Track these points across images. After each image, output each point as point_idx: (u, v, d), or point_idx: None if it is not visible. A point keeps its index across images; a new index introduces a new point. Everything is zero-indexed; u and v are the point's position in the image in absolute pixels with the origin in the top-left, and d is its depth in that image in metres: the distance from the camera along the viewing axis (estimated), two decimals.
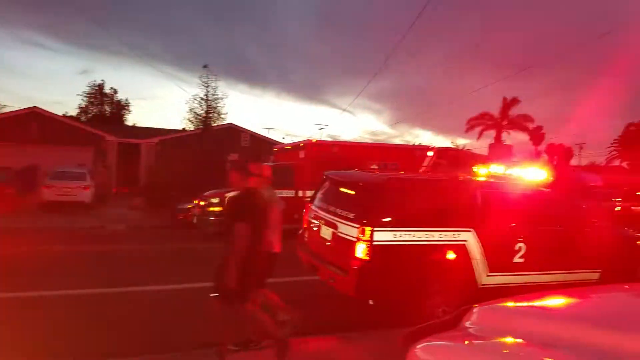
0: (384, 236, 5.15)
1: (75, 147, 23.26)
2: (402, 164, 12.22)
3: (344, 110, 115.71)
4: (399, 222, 5.28)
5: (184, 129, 27.92)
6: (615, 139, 56.34)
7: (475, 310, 1.64)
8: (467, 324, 1.60)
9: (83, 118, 41.05)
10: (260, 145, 27.18)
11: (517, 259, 5.76)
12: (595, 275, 6.30)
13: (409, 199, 5.58)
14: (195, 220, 13.00)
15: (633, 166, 52.48)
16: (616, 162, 55.01)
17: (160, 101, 75.82)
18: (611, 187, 23.61)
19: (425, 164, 13.42)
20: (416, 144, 26.01)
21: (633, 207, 18.89)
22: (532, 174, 6.50)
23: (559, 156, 59.31)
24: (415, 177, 6.54)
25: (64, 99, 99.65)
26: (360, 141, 27.32)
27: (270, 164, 13.37)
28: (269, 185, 5.43)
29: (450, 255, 5.44)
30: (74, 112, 42.70)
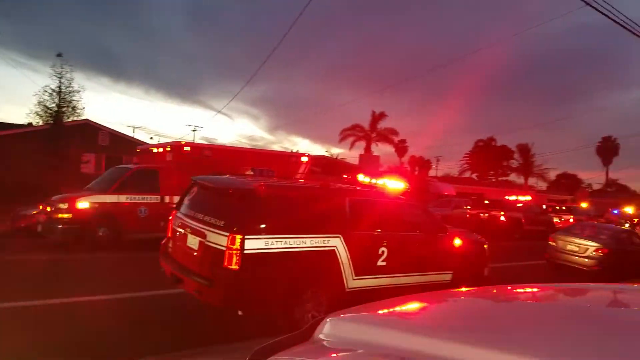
0: (255, 244, 5.00)
1: None
2: (278, 170, 12.17)
3: (219, 112, 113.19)
4: (271, 230, 5.18)
5: (30, 123, 24.44)
6: (466, 153, 63.85)
7: (327, 320, 1.54)
8: (321, 335, 1.49)
9: None
10: (121, 145, 25.03)
11: (380, 263, 6.04)
12: (448, 277, 6.87)
13: (281, 205, 5.52)
14: (40, 229, 11.32)
15: (481, 177, 59.97)
16: (467, 174, 62.23)
17: (3, 92, 66.20)
18: (462, 196, 26.58)
19: (300, 171, 13.57)
20: (294, 151, 26.47)
21: (481, 214, 21.36)
22: (395, 184, 6.90)
23: (419, 167, 65.01)
24: (287, 183, 6.49)
25: None
26: (235, 145, 26.86)
27: (131, 166, 12.35)
28: None
29: (320, 262, 5.50)
30: None
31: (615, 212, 30.83)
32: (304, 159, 14.12)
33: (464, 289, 2.83)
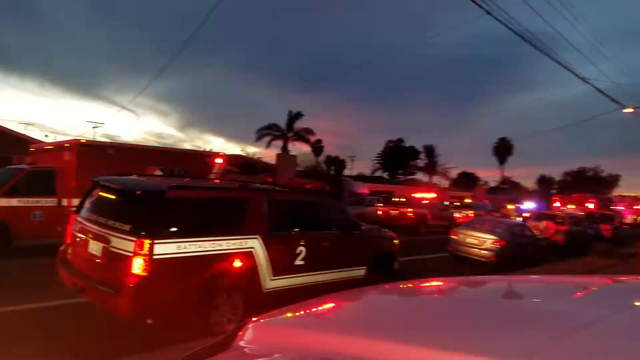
0: (165, 249, 4.76)
1: None
2: (190, 170, 11.68)
3: (124, 108, 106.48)
4: (183, 233, 4.96)
5: None
6: (378, 153, 66.43)
7: (250, 326, 1.49)
8: (242, 343, 1.43)
9: None
10: (11, 144, 22.58)
11: (298, 262, 6.07)
12: (362, 272, 7.09)
13: (194, 208, 5.31)
14: None
15: (391, 176, 62.73)
16: (379, 173, 64.78)
17: None
18: (375, 194, 27.59)
19: (215, 171, 13.17)
20: (207, 149, 25.63)
21: (391, 211, 22.33)
22: (313, 183, 6.96)
23: (335, 167, 66.32)
24: (201, 184, 6.27)
25: None
26: (143, 144, 25.42)
27: (24, 166, 11.20)
28: None
29: (238, 264, 5.39)
30: None
31: (539, 205, 32.87)
32: (219, 159, 13.73)
33: (379, 285, 2.92)
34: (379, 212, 21.95)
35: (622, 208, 47.89)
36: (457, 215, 26.77)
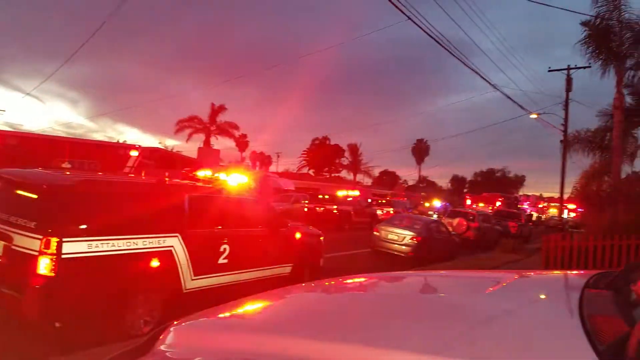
0: (75, 247, 4.43)
1: None
2: (103, 163, 10.97)
3: (28, 94, 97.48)
4: (95, 231, 4.63)
5: None
6: (304, 151, 66.91)
7: (171, 329, 1.43)
8: (163, 346, 1.36)
9: None
10: None
11: (221, 261, 5.91)
12: (287, 269, 7.08)
13: (108, 203, 4.99)
14: None
15: (317, 173, 63.48)
16: (305, 170, 65.27)
17: None
18: (301, 191, 27.74)
19: (129, 164, 12.46)
20: (121, 141, 24.14)
21: (317, 208, 22.56)
22: (236, 179, 6.82)
23: (260, 163, 65.81)
24: (115, 178, 5.91)
25: None
26: (50, 133, 23.54)
27: None
28: None
29: (155, 263, 5.14)
30: None
31: (445, 204, 34.50)
32: (134, 151, 13.00)
33: (304, 284, 2.93)
34: (305, 209, 22.12)
35: (527, 206, 52.32)
36: (379, 212, 27.67)
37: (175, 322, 1.52)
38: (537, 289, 1.92)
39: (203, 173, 6.45)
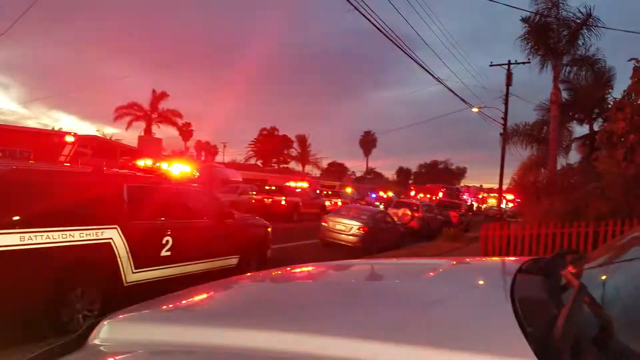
0: (6, 240, 4.18)
1: None
2: (36, 151, 10.32)
3: None
4: (26, 223, 4.38)
5: None
6: (252, 141, 66.23)
7: (105, 322, 1.37)
8: (97, 340, 1.31)
9: None
10: None
11: (164, 253, 5.77)
12: (234, 261, 7.00)
13: (41, 194, 4.73)
14: None
15: (265, 164, 63.06)
16: (253, 161, 64.66)
17: None
18: (249, 182, 27.44)
19: (65, 153, 11.80)
20: (56, 128, 22.77)
21: (265, 199, 22.42)
22: (179, 169, 6.62)
23: (205, 153, 64.51)
24: (48, 168, 5.59)
25: None
26: None
27: None
28: None
29: (93, 256, 4.95)
30: None
31: (373, 196, 36.26)
32: (70, 138, 12.28)
33: (247, 274, 2.90)
34: (253, 201, 21.93)
35: (468, 197, 54.68)
36: (327, 203, 27.93)
37: (111, 315, 1.46)
38: (473, 275, 2.00)
39: (143, 162, 6.20)
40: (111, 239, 5.10)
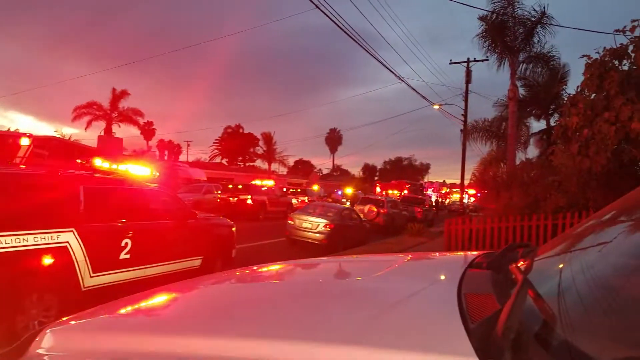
0: None
1: None
2: None
3: None
4: None
5: None
6: (216, 139, 65.29)
7: (48, 330, 1.32)
8: (40, 350, 1.25)
9: None
10: None
11: (123, 256, 5.61)
12: (197, 262, 6.87)
13: None
14: None
15: (230, 163, 62.28)
16: (218, 159, 63.75)
17: None
18: (214, 181, 27.03)
19: (20, 154, 11.28)
20: (11, 129, 21.70)
21: (230, 198, 22.12)
22: (141, 169, 6.44)
23: (168, 152, 63.18)
24: (1, 169, 5.34)
25: None
26: None
27: None
28: None
29: (49, 260, 4.76)
30: None
31: (339, 192, 36.43)
32: (25, 140, 11.76)
33: (206, 276, 2.85)
34: (218, 200, 21.63)
35: (432, 192, 55.72)
36: (294, 201, 27.85)
37: (54, 323, 1.40)
38: (425, 271, 2.02)
39: (101, 163, 6.00)
40: (67, 242, 4.93)
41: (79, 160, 5.94)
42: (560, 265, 1.34)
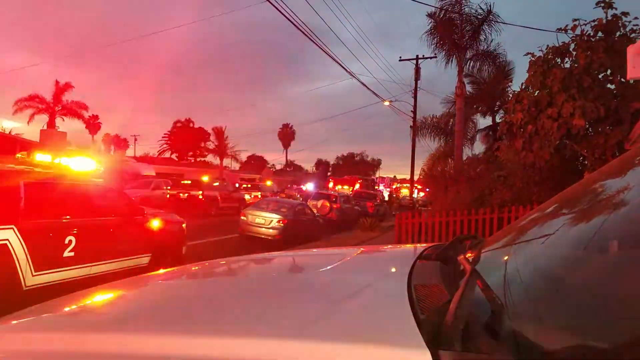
0: None
1: None
2: None
3: None
4: None
5: None
6: (165, 133, 63.44)
7: None
8: None
9: None
10: None
11: (67, 254, 5.38)
12: (146, 260, 6.68)
13: None
14: None
15: (181, 158, 60.70)
16: (167, 154, 61.93)
17: None
18: (163, 177, 26.24)
19: None
20: None
21: (180, 194, 21.56)
22: (85, 164, 6.16)
23: (114, 146, 60.83)
24: None
25: None
26: None
27: None
28: None
29: None
30: None
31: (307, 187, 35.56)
32: None
33: (154, 273, 2.78)
34: (168, 196, 21.05)
35: (383, 187, 56.73)
36: (247, 196, 27.52)
37: None
38: (375, 264, 2.06)
39: (41, 157, 5.69)
40: (7, 240, 4.72)
41: (19, 155, 5.60)
42: (507, 257, 1.38)
